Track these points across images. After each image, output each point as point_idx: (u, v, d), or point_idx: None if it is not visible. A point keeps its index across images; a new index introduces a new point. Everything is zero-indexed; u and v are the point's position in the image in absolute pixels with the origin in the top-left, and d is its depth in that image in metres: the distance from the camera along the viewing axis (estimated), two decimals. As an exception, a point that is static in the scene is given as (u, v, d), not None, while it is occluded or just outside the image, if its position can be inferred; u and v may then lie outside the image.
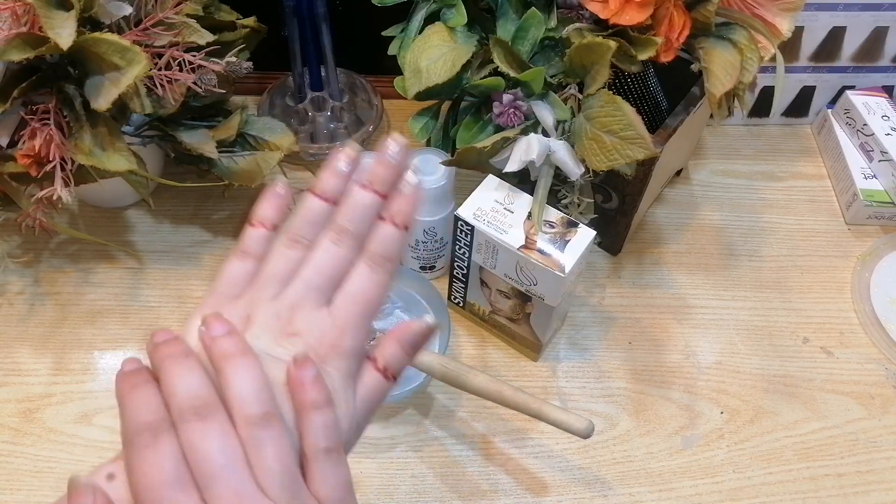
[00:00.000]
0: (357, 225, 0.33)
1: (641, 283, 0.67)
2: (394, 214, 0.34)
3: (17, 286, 0.64)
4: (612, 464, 0.57)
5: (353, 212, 0.34)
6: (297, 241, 0.34)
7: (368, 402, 0.33)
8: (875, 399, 0.61)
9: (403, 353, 0.34)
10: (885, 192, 0.71)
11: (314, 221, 0.34)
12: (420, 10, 0.58)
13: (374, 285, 0.33)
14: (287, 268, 0.33)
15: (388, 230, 0.34)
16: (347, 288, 0.33)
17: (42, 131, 0.52)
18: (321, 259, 0.33)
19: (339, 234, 0.33)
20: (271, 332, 0.31)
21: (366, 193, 0.34)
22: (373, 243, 0.34)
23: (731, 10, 0.54)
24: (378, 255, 0.33)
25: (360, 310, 0.33)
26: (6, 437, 0.56)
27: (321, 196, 0.34)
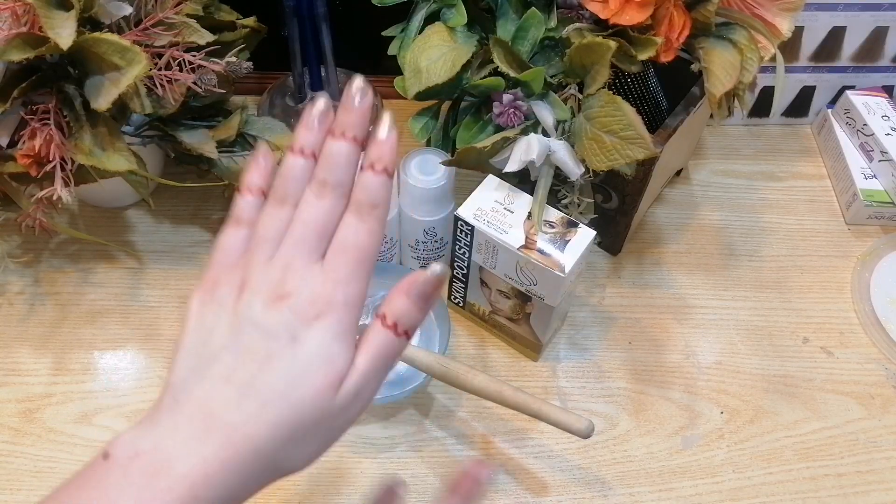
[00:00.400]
0: (336, 175, 0.33)
1: (641, 282, 0.67)
2: (373, 161, 0.33)
3: (17, 286, 0.64)
4: (612, 464, 0.57)
5: (329, 161, 0.33)
6: (283, 200, 0.33)
7: (378, 359, 0.32)
8: (875, 399, 0.61)
9: (413, 306, 0.33)
10: (885, 192, 0.71)
11: (297, 178, 0.34)
12: (420, 10, 0.58)
13: (365, 234, 0.32)
14: (277, 227, 0.33)
15: (370, 177, 0.33)
16: (337, 239, 0.33)
17: (42, 131, 0.52)
18: (306, 213, 0.33)
19: (320, 187, 0.33)
20: (263, 296, 0.31)
21: (339, 142, 0.33)
22: (357, 192, 0.33)
23: (731, 10, 0.54)
24: (364, 204, 0.33)
25: (352, 260, 0.32)
26: (6, 437, 0.56)
27: (300, 152, 0.34)
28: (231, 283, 0.33)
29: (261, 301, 0.31)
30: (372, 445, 0.57)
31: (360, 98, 0.33)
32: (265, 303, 0.31)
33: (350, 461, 0.56)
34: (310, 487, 0.55)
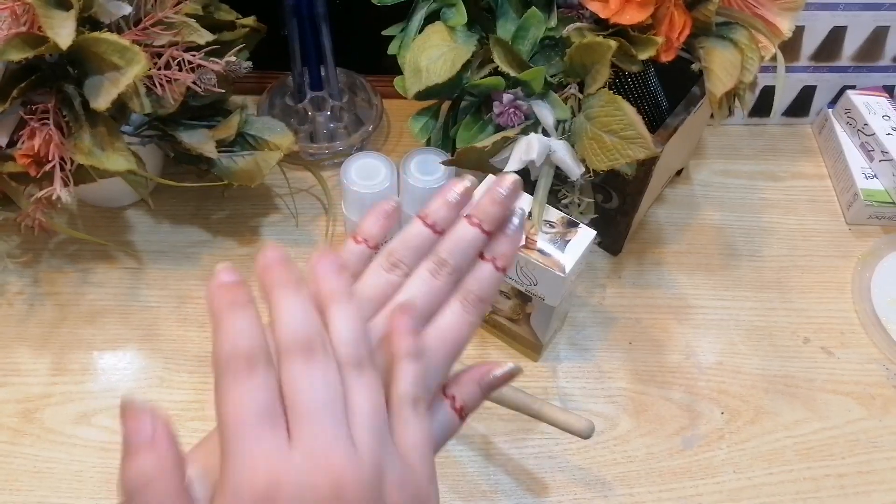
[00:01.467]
0: (458, 259, 0.33)
1: (642, 283, 0.67)
2: (496, 256, 0.33)
3: (17, 286, 0.64)
4: (612, 464, 0.57)
5: (455, 245, 0.33)
6: (396, 266, 0.33)
7: (440, 439, 0.32)
8: (876, 399, 0.61)
9: (481, 396, 0.33)
10: (885, 192, 0.71)
11: (416, 248, 0.33)
12: (420, 10, 0.58)
13: (465, 325, 0.32)
14: (381, 291, 0.32)
15: (488, 270, 0.33)
16: (438, 323, 0.32)
17: (41, 131, 0.52)
18: (416, 287, 0.32)
19: (438, 266, 0.33)
20: None
21: (471, 228, 0.33)
22: (470, 282, 0.33)
23: (732, 10, 0.54)
24: (473, 295, 0.33)
25: (446, 349, 0.32)
26: (5, 437, 0.56)
27: (428, 223, 0.34)
28: None
29: None
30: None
31: (512, 196, 0.34)
32: None
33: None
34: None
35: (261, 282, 0.29)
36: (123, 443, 0.25)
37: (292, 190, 0.71)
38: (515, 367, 0.34)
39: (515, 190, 0.34)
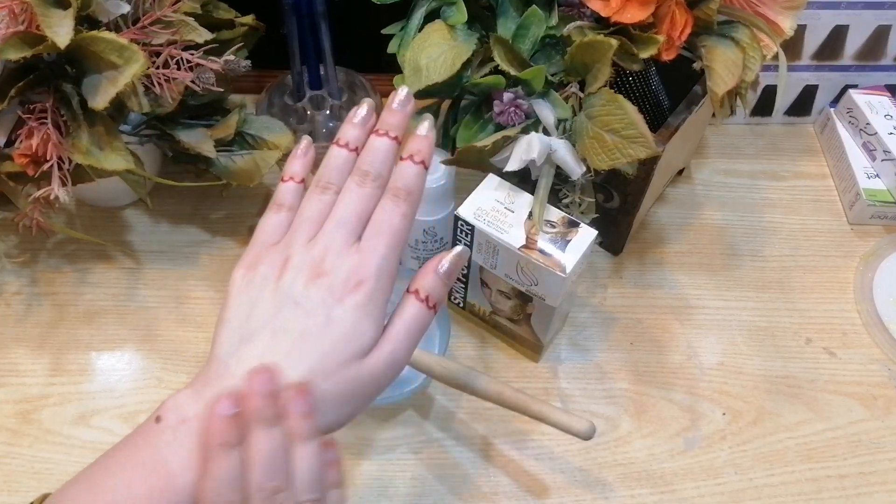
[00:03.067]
0: (377, 167, 0.37)
1: (643, 283, 0.67)
2: (412, 152, 0.37)
3: (15, 286, 0.64)
4: (613, 465, 0.57)
5: (371, 155, 0.37)
6: (327, 187, 0.37)
7: (410, 329, 0.36)
8: (878, 400, 0.61)
9: (440, 281, 0.37)
10: (887, 192, 0.71)
11: (340, 168, 0.38)
12: (420, 8, 0.58)
13: (398, 216, 0.36)
14: (319, 210, 0.37)
15: (407, 166, 0.37)
16: (373, 221, 0.36)
17: (39, 130, 0.52)
18: (348, 199, 0.36)
19: (361, 177, 0.37)
20: (304, 274, 0.35)
21: (381, 139, 0.37)
22: (393, 179, 0.37)
23: (734, 9, 0.54)
24: (400, 189, 0.36)
25: (385, 239, 0.35)
26: (3, 438, 0.56)
27: (343, 145, 0.38)
28: (273, 262, 0.36)
29: (302, 278, 0.35)
30: (371, 447, 0.57)
31: (405, 104, 0.38)
32: (305, 280, 0.34)
33: (349, 462, 0.56)
34: (309, 489, 0.54)
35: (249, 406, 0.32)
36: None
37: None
38: (463, 249, 0.38)
39: (408, 99, 0.38)
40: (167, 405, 0.33)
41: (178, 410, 0.33)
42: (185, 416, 0.32)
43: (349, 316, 0.34)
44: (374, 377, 0.35)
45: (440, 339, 0.58)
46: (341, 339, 0.34)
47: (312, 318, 0.34)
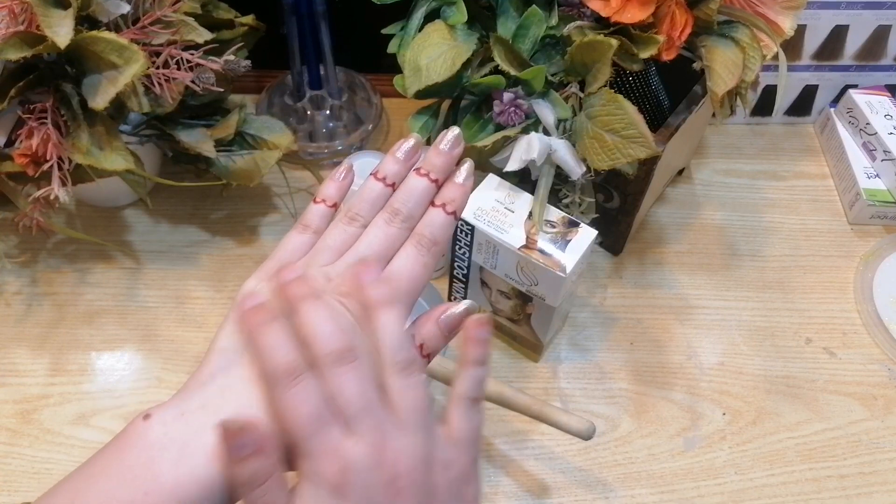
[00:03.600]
0: (409, 207, 0.36)
1: (643, 283, 0.67)
2: (446, 201, 0.36)
3: (15, 286, 0.64)
4: (613, 465, 0.57)
5: (407, 195, 0.36)
6: (355, 219, 0.36)
7: None
8: (878, 400, 0.61)
9: (440, 334, 0.36)
10: (887, 192, 0.71)
11: (372, 202, 0.37)
12: (420, 8, 0.58)
13: (419, 265, 0.35)
14: (342, 240, 0.36)
15: (438, 215, 0.36)
16: (394, 264, 0.35)
17: (39, 130, 0.52)
18: (373, 235, 0.36)
19: (391, 215, 0.36)
20: None
21: (420, 179, 0.36)
22: (422, 226, 0.36)
23: (734, 9, 0.54)
24: (426, 238, 0.36)
25: (403, 286, 0.34)
26: (3, 438, 0.56)
27: (381, 179, 0.37)
28: None
29: None
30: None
31: (454, 147, 0.37)
32: None
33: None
34: (309, 489, 0.54)
35: (285, 297, 0.32)
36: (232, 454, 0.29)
37: (291, 189, 0.71)
38: (472, 304, 0.36)
39: (457, 141, 0.37)
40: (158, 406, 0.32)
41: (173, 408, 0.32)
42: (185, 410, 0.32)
43: None
44: None
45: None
46: None
47: None
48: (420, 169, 0.37)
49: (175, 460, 0.30)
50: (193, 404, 0.32)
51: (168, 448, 0.31)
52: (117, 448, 0.32)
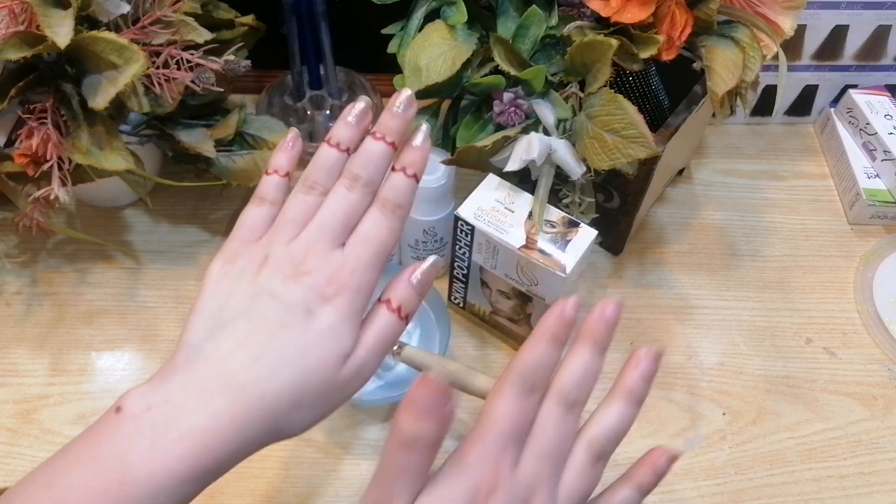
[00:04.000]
0: (369, 172, 0.36)
1: (643, 283, 0.67)
2: (405, 164, 0.36)
3: (14, 286, 0.64)
4: (613, 465, 0.56)
5: (364, 160, 0.36)
6: (313, 187, 0.36)
7: (381, 339, 0.35)
8: (878, 400, 0.61)
9: (413, 292, 0.36)
10: (888, 192, 0.71)
11: (329, 169, 0.37)
12: (420, 8, 0.58)
13: (385, 229, 0.35)
14: (303, 211, 0.36)
15: (400, 179, 0.36)
16: (359, 230, 0.35)
17: (39, 130, 0.52)
18: (335, 203, 0.35)
19: (351, 181, 0.36)
20: (283, 272, 0.34)
21: (377, 143, 0.36)
22: (384, 190, 0.36)
23: (734, 9, 0.54)
24: (389, 202, 0.36)
25: (370, 250, 0.35)
26: (3, 438, 0.56)
27: (335, 145, 0.37)
28: (252, 257, 0.35)
29: (281, 275, 0.34)
30: (371, 447, 0.57)
31: (406, 108, 0.37)
32: (285, 277, 0.34)
33: (349, 463, 0.56)
34: (308, 489, 0.54)
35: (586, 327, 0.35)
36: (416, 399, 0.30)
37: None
38: (437, 259, 0.37)
39: (410, 102, 0.37)
40: (128, 395, 0.32)
41: (140, 399, 0.32)
42: (150, 404, 0.32)
43: (330, 317, 0.33)
44: (347, 383, 0.34)
45: (440, 338, 0.58)
46: (322, 338, 0.33)
47: (292, 313, 0.33)
48: (376, 133, 0.36)
49: (146, 454, 0.30)
50: (158, 397, 0.32)
51: (139, 441, 0.31)
52: (91, 439, 0.32)
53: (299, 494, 0.54)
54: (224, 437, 0.31)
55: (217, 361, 0.32)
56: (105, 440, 0.32)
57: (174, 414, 0.31)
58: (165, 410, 0.31)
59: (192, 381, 0.32)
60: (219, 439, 0.31)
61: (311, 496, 0.54)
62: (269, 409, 0.32)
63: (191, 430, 0.31)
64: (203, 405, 0.31)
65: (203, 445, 0.31)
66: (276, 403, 0.32)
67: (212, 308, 0.34)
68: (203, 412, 0.31)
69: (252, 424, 0.32)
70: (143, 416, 0.31)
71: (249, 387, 0.32)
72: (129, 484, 0.30)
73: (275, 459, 0.55)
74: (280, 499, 0.54)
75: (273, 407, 0.32)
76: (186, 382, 0.32)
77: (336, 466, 0.56)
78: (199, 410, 0.31)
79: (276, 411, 0.32)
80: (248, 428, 0.32)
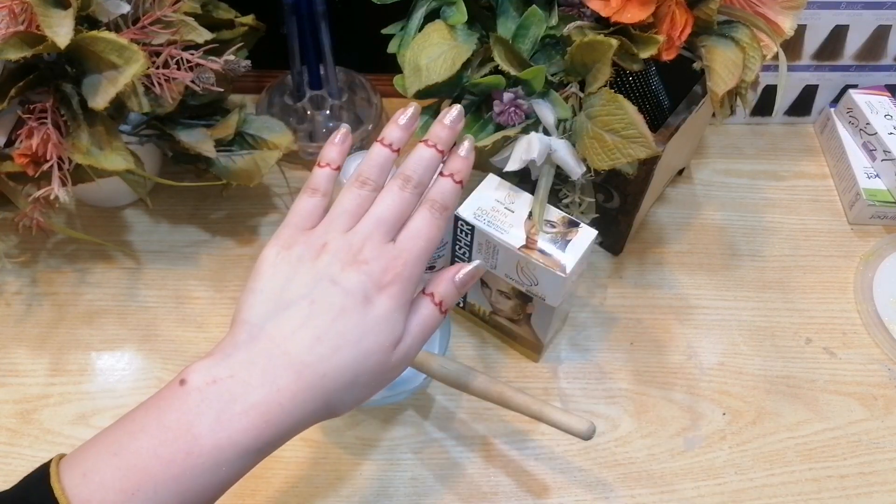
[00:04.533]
0: (420, 174, 0.40)
1: (643, 283, 0.67)
2: (453, 171, 0.40)
3: (15, 286, 0.64)
4: (613, 465, 0.57)
5: (417, 163, 0.40)
6: (366, 182, 0.39)
7: (424, 329, 0.38)
8: (878, 400, 0.61)
9: (455, 290, 0.40)
10: (887, 192, 0.71)
11: (381, 166, 0.40)
12: (420, 8, 0.58)
13: (433, 227, 0.39)
14: (357, 204, 0.39)
15: (447, 183, 0.40)
16: (411, 226, 0.39)
17: (39, 130, 0.52)
18: (389, 199, 0.39)
19: (404, 181, 0.39)
20: (342, 259, 0.37)
21: (428, 149, 0.40)
22: (433, 192, 0.40)
23: (734, 9, 0.54)
24: (437, 203, 0.39)
25: (420, 245, 0.38)
26: (3, 438, 0.56)
27: (388, 145, 0.41)
28: (310, 243, 0.38)
29: (340, 262, 0.37)
30: (371, 447, 0.57)
31: (456, 122, 0.41)
32: (344, 265, 0.37)
33: (349, 463, 0.56)
34: (309, 489, 0.54)
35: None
36: None
37: (291, 189, 0.71)
38: (481, 263, 0.41)
39: (459, 117, 0.42)
40: (192, 368, 0.34)
41: (205, 372, 0.34)
42: (216, 377, 0.33)
43: (386, 305, 0.36)
44: (394, 368, 0.37)
45: (440, 339, 0.58)
46: (379, 323, 0.36)
47: (351, 298, 0.36)
48: (428, 140, 0.40)
49: (212, 425, 0.32)
50: (223, 372, 0.34)
51: (205, 413, 0.32)
52: (157, 408, 0.33)
53: (299, 494, 0.54)
54: (285, 411, 0.33)
55: (281, 340, 0.35)
56: (171, 411, 0.33)
57: (239, 388, 0.33)
58: (230, 384, 0.33)
59: (257, 357, 0.34)
60: (280, 414, 0.33)
61: (311, 496, 0.54)
62: (327, 387, 0.34)
63: (255, 405, 0.33)
64: (268, 381, 0.34)
65: (266, 420, 0.33)
66: (334, 382, 0.35)
67: (272, 289, 0.36)
68: (267, 387, 0.33)
69: (311, 401, 0.34)
70: (208, 389, 0.33)
71: (312, 365, 0.34)
72: (195, 454, 0.32)
73: (275, 459, 0.55)
74: (280, 499, 0.54)
75: (331, 385, 0.35)
76: (251, 358, 0.34)
77: (336, 466, 0.56)
78: (264, 385, 0.33)
79: (333, 390, 0.35)
80: (307, 404, 0.34)
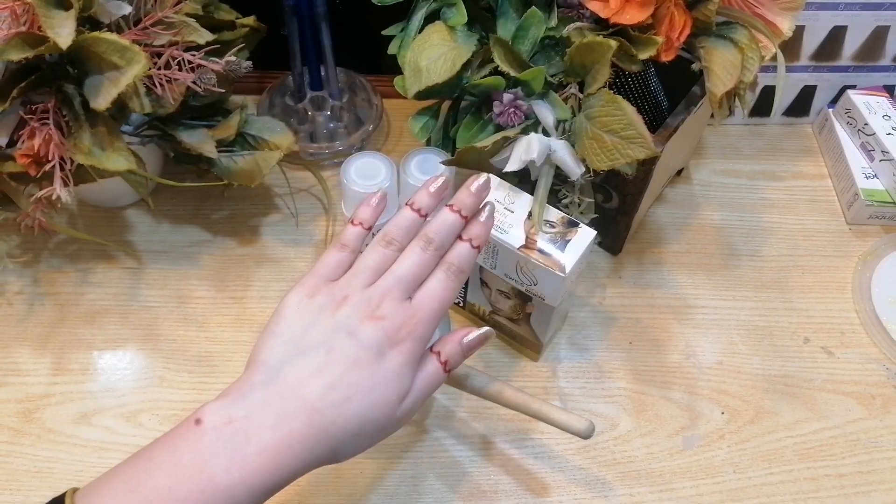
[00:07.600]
0: (441, 237, 0.41)
1: (642, 283, 0.67)
2: (472, 236, 0.42)
3: (17, 286, 0.64)
4: (612, 464, 0.57)
5: (440, 227, 0.42)
6: (391, 243, 0.41)
7: (428, 385, 0.40)
8: (876, 399, 0.61)
9: (461, 353, 0.42)
10: (886, 192, 0.71)
11: (407, 228, 0.42)
12: (420, 10, 0.58)
13: (449, 290, 0.41)
14: (381, 262, 0.41)
15: (465, 247, 0.42)
16: (427, 287, 0.41)
17: (41, 131, 0.52)
18: (411, 260, 0.41)
19: (426, 243, 0.41)
20: (360, 312, 0.39)
21: (452, 214, 0.42)
22: (451, 255, 0.42)
23: (732, 10, 0.54)
24: (454, 266, 0.41)
25: (435, 306, 0.40)
26: (5, 437, 0.56)
27: (416, 210, 0.42)
28: (332, 294, 0.40)
29: (358, 316, 0.38)
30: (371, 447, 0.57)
31: (482, 190, 0.43)
32: (362, 318, 0.38)
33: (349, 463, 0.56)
34: (310, 488, 0.54)
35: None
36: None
37: (292, 190, 0.71)
38: (489, 330, 0.43)
39: (486, 186, 0.43)
40: (207, 409, 0.35)
41: (221, 412, 0.35)
42: (231, 418, 0.34)
43: (398, 360, 0.38)
44: (397, 421, 0.39)
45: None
46: (389, 377, 0.38)
47: (366, 352, 0.37)
48: (453, 206, 0.42)
49: (227, 465, 0.33)
50: (239, 412, 0.35)
51: (220, 453, 0.33)
52: (172, 446, 0.34)
53: (300, 494, 0.54)
54: (295, 454, 0.35)
55: (296, 385, 0.36)
56: (185, 449, 0.34)
57: (254, 429, 0.34)
58: (245, 425, 0.34)
59: (272, 400, 0.35)
60: (290, 457, 0.35)
61: (312, 495, 0.54)
62: (335, 434, 0.36)
63: (267, 447, 0.34)
64: (281, 423, 0.35)
65: (276, 463, 0.34)
66: (342, 430, 0.36)
67: (292, 333, 0.38)
68: (280, 430, 0.35)
69: (318, 446, 0.36)
70: (223, 429, 0.34)
71: (323, 411, 0.36)
72: (209, 493, 0.33)
73: (276, 458, 0.55)
74: (280, 498, 0.54)
75: (339, 433, 0.36)
76: (267, 400, 0.35)
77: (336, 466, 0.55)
78: (277, 428, 0.35)
79: (340, 437, 0.36)
80: (315, 449, 0.36)
